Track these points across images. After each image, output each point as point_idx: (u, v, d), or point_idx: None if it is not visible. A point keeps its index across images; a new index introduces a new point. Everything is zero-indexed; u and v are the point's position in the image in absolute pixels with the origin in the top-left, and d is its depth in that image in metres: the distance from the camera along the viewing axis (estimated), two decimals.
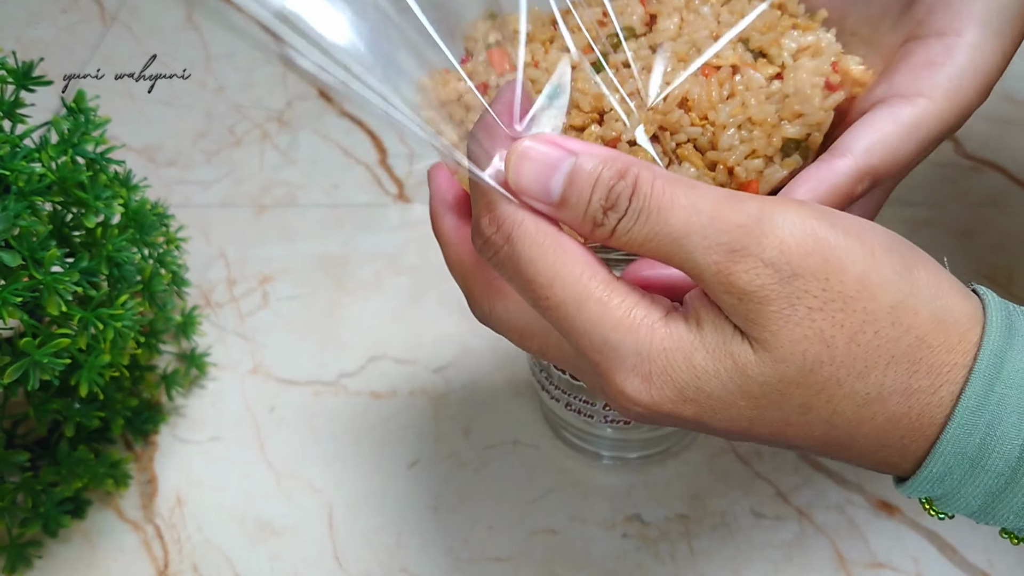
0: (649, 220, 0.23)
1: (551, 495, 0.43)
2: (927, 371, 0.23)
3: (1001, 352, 0.22)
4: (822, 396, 0.23)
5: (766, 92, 0.28)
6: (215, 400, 0.47)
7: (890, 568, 0.40)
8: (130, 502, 0.43)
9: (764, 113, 0.28)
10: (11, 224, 0.33)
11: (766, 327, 0.22)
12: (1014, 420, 0.22)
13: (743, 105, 0.28)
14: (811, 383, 0.23)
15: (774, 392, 0.23)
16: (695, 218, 0.22)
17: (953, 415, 0.22)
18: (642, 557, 0.40)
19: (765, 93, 0.28)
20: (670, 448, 0.43)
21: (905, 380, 0.23)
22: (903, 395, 0.23)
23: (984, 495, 0.23)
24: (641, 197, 0.23)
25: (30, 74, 0.37)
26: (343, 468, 0.44)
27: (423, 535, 0.41)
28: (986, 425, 0.22)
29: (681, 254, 0.23)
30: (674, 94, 0.28)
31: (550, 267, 0.24)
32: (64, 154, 0.36)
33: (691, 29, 0.29)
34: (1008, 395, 0.22)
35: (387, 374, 0.48)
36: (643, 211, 0.23)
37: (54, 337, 0.35)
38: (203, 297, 0.52)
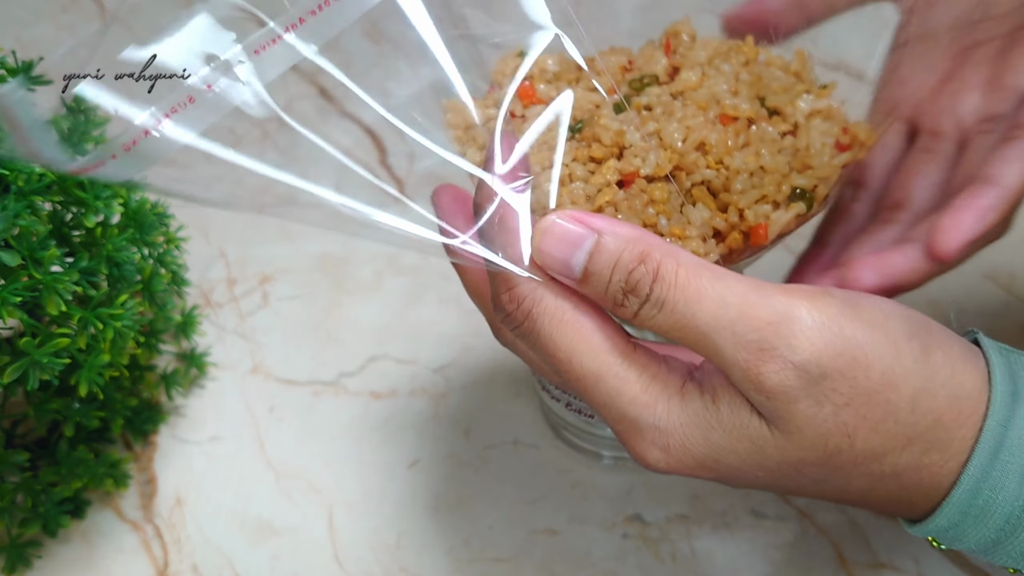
0: (675, 311, 0.23)
1: (551, 495, 0.43)
2: (939, 448, 0.24)
3: (1006, 421, 0.23)
4: (839, 474, 0.24)
5: (779, 145, 0.30)
6: (215, 400, 0.47)
7: (891, 568, 0.40)
8: (130, 502, 0.43)
9: (776, 163, 0.29)
10: (11, 224, 0.33)
11: (791, 421, 0.23)
12: (1015, 483, 0.23)
13: (757, 154, 0.29)
14: (829, 465, 0.24)
15: (790, 468, 0.24)
16: (723, 312, 0.23)
17: (959, 482, 0.24)
18: (642, 557, 0.40)
19: (778, 146, 0.30)
20: None
21: (918, 458, 0.24)
22: (915, 470, 0.24)
23: (986, 542, 0.24)
24: (664, 286, 0.23)
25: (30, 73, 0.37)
26: (343, 468, 0.44)
27: (423, 535, 0.41)
28: (990, 489, 0.23)
29: (709, 347, 0.23)
30: (692, 138, 0.29)
31: (568, 343, 0.24)
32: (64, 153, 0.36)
33: (712, 83, 0.31)
34: (1011, 461, 0.23)
35: (387, 374, 0.48)
36: (667, 302, 0.23)
37: (54, 337, 0.35)
38: (203, 297, 0.52)
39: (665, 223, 0.29)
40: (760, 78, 0.31)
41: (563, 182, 0.29)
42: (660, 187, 0.29)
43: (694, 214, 0.29)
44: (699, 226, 0.29)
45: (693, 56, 0.32)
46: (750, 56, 0.32)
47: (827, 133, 0.30)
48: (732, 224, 0.29)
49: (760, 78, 0.31)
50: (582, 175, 0.29)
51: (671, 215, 0.29)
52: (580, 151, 0.30)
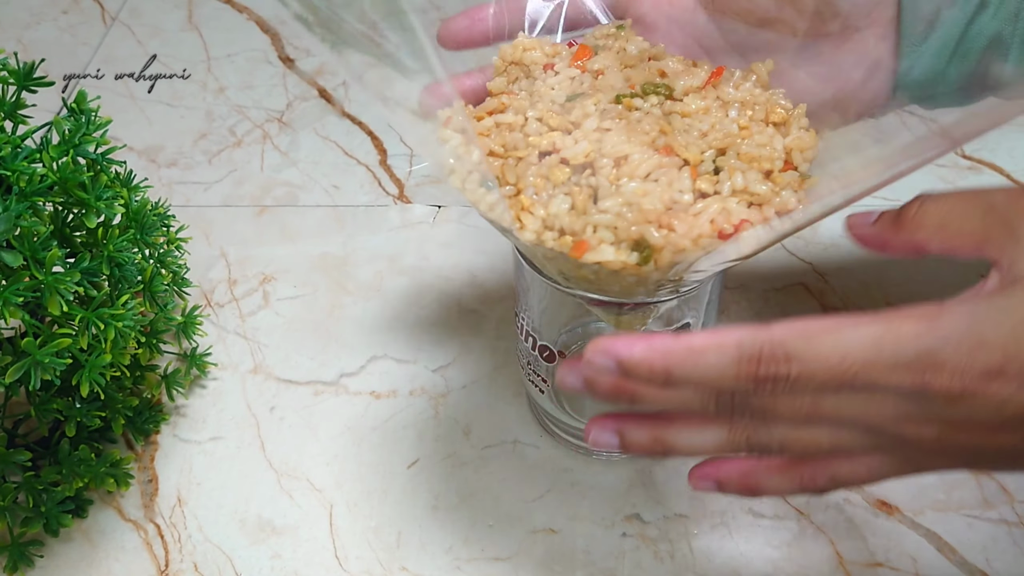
0: (940, 198, 0.28)
1: (551, 494, 0.43)
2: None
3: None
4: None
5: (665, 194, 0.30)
6: (216, 400, 0.47)
7: (889, 567, 0.40)
8: (131, 501, 0.43)
9: (633, 213, 0.29)
10: (13, 224, 0.33)
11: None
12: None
13: (642, 192, 0.30)
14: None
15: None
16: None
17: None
18: (641, 556, 0.40)
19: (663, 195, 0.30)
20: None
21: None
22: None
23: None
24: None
25: (31, 75, 0.37)
26: (343, 468, 0.44)
27: (423, 535, 0.42)
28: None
29: (984, 201, 0.27)
30: (617, 149, 0.31)
31: (833, 343, 0.25)
32: (65, 155, 0.36)
33: (698, 120, 0.32)
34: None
35: (387, 374, 0.48)
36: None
37: (55, 337, 0.35)
38: (204, 297, 0.52)
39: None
40: (748, 155, 0.31)
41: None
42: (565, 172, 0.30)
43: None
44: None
45: (721, 91, 0.33)
46: (774, 119, 0.33)
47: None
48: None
49: (748, 155, 0.31)
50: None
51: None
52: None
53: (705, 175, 0.30)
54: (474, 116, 0.33)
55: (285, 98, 0.65)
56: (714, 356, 0.26)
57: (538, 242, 0.29)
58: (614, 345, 0.26)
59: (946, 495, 0.42)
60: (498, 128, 0.32)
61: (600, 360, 0.26)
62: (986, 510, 0.41)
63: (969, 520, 0.41)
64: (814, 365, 0.25)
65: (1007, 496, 0.42)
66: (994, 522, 0.41)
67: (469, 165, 0.30)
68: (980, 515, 0.41)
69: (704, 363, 0.26)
